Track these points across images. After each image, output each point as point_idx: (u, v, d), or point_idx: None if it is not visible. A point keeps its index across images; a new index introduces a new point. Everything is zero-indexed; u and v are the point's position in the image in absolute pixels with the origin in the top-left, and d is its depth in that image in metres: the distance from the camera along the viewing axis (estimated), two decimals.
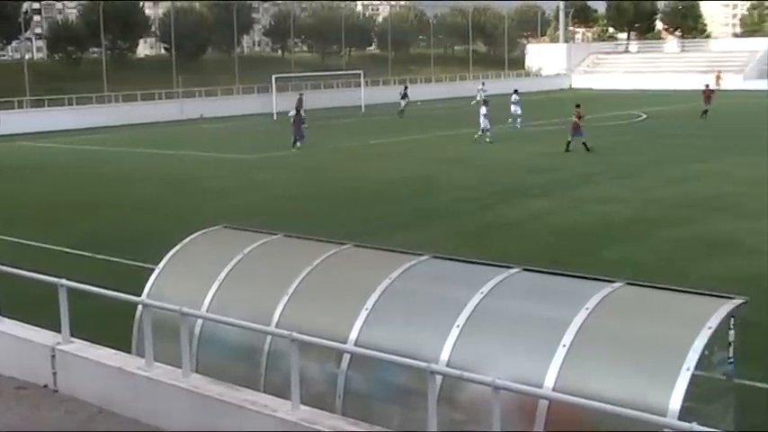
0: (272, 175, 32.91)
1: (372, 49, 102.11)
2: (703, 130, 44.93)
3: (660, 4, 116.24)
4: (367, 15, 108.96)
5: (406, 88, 65.21)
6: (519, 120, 48.26)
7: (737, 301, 8.21)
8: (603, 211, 24.29)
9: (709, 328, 7.77)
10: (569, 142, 37.75)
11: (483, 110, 42.99)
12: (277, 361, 9.42)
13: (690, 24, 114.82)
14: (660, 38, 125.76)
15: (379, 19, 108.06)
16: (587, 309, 8.26)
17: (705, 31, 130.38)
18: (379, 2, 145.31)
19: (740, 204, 24.80)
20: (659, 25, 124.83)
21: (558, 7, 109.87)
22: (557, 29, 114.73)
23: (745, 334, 8.51)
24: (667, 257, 18.85)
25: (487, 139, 41.58)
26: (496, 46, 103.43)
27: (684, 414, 7.25)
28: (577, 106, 39.79)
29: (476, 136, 42.07)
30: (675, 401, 7.36)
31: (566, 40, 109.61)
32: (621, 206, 24.92)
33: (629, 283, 8.85)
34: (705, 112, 50.59)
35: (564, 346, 8.03)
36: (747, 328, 8.63)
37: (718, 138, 40.54)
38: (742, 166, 32.25)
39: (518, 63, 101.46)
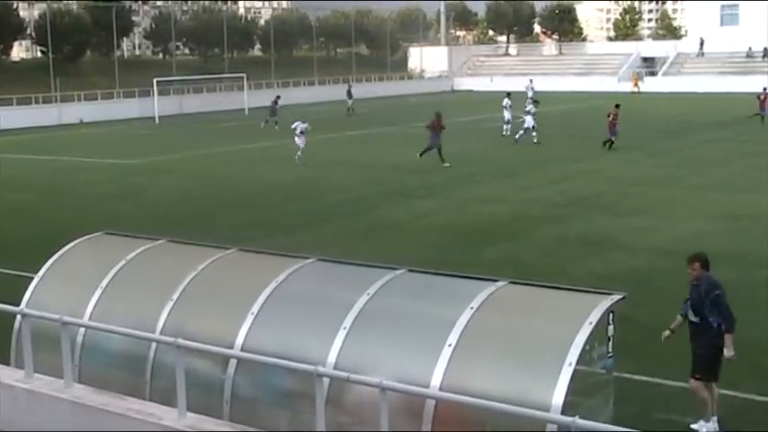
0: (155, 181, 32.37)
1: (255, 51, 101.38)
2: (581, 131, 46.03)
3: (538, 7, 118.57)
4: (249, 18, 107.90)
5: (350, 87, 66.69)
6: (509, 126, 45.73)
7: (616, 297, 8.45)
8: (486, 210, 24.66)
9: (590, 323, 7.98)
10: (611, 141, 38.22)
11: (531, 108, 42.44)
12: (162, 368, 9.29)
13: (566, 28, 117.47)
14: (539, 41, 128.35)
15: (262, 21, 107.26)
16: (472, 308, 8.38)
17: (581, 34, 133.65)
18: (261, 1, 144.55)
19: (617, 202, 25.51)
20: (537, 28, 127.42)
21: (439, 10, 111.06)
22: (438, 31, 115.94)
23: (623, 329, 8.78)
24: (548, 255, 19.25)
25: (534, 139, 41.02)
26: (379, 49, 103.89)
27: (567, 408, 7.43)
28: (617, 106, 39.77)
29: (516, 136, 41.63)
30: (558, 396, 7.53)
31: (447, 43, 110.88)
32: (503, 205, 25.35)
33: (511, 282, 9.01)
34: (761, 117, 49.41)
35: (450, 345, 8.14)
36: (625, 322, 8.90)
37: (595, 138, 41.53)
38: (618, 165, 33.19)
39: (401, 66, 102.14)
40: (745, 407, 11.12)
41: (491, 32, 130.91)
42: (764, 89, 51.04)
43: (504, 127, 44.69)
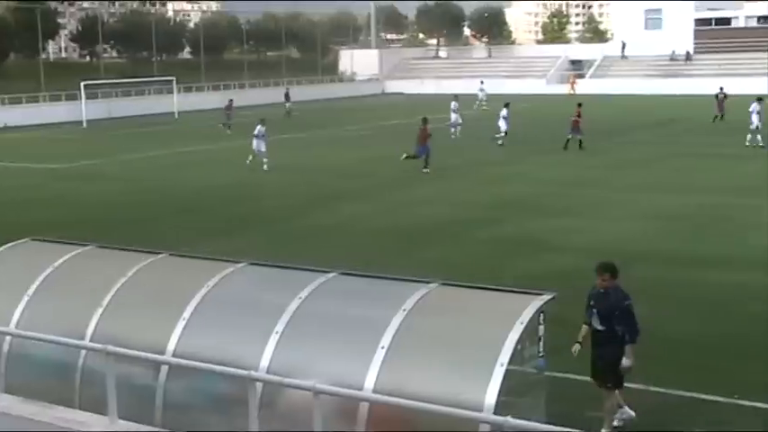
0: (84, 186, 31.88)
1: (185, 54, 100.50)
2: (513, 133, 46.42)
3: (468, 11, 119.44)
4: (178, 21, 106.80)
5: (288, 89, 66.33)
6: (457, 129, 45.78)
7: (546, 297, 8.55)
8: (419, 213, 24.77)
9: (521, 323, 8.06)
10: (568, 140, 38.64)
11: (504, 112, 42.41)
12: (92, 376, 9.15)
13: (496, 31, 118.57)
14: (468, 44, 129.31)
15: (191, 24, 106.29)
16: (404, 310, 8.41)
17: (510, 37, 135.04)
18: (191, 4, 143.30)
19: (548, 204, 25.81)
20: (467, 31, 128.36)
21: (369, 13, 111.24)
22: (369, 35, 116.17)
23: (553, 328, 8.88)
24: (480, 257, 19.40)
25: (499, 142, 41.10)
26: (310, 52, 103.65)
27: (499, 408, 7.49)
28: (579, 105, 40.27)
29: (499, 142, 41.34)
30: (491, 396, 7.59)
31: (378, 46, 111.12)
32: (436, 208, 25.48)
33: (444, 284, 9.06)
34: (719, 116, 49.92)
35: (383, 347, 8.15)
36: (556, 322, 9.01)
37: (526, 140, 41.99)
38: (549, 167, 33.58)
39: (331, 69, 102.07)
40: (670, 403, 11.31)
41: (421, 35, 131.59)
42: (721, 89, 52.12)
43: (453, 129, 44.84)
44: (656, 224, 22.52)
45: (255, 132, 34.23)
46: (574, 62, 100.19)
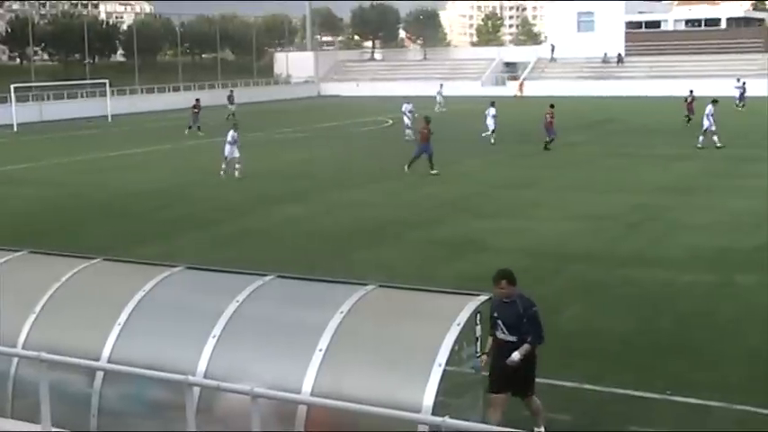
0: (14, 191, 31.31)
1: (118, 57, 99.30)
2: (448, 135, 46.66)
3: (403, 13, 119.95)
4: (111, 23, 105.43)
5: (231, 92, 65.28)
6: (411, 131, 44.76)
7: (483, 298, 8.63)
8: (356, 215, 24.78)
9: (458, 324, 8.12)
10: (546, 141, 39.16)
11: (492, 111, 43.13)
12: (25, 384, 9.01)
13: (431, 33, 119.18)
14: (404, 46, 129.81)
15: (124, 26, 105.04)
16: (342, 312, 8.43)
17: (445, 39, 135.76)
18: (123, 5, 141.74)
19: (483, 205, 26.00)
20: (402, 34, 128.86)
21: (304, 15, 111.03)
22: (304, 37, 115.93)
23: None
24: (417, 258, 19.47)
25: (491, 141, 41.86)
26: (245, 54, 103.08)
27: (437, 409, 7.54)
28: (551, 106, 40.61)
29: (492, 141, 42.09)
30: (429, 397, 7.63)
31: (313, 48, 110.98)
32: (373, 210, 25.52)
33: (381, 286, 9.09)
34: (687, 118, 50.38)
35: (320, 350, 8.16)
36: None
37: (460, 141, 42.24)
38: (485, 168, 33.85)
39: (267, 71, 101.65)
40: (604, 401, 11.47)
41: (357, 37, 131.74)
42: (691, 92, 52.93)
43: (407, 132, 44.67)
44: (589, 224, 22.81)
45: (228, 139, 32.71)
46: (508, 64, 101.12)
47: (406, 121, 45.36)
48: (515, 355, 9.52)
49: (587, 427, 10.67)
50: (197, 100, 53.09)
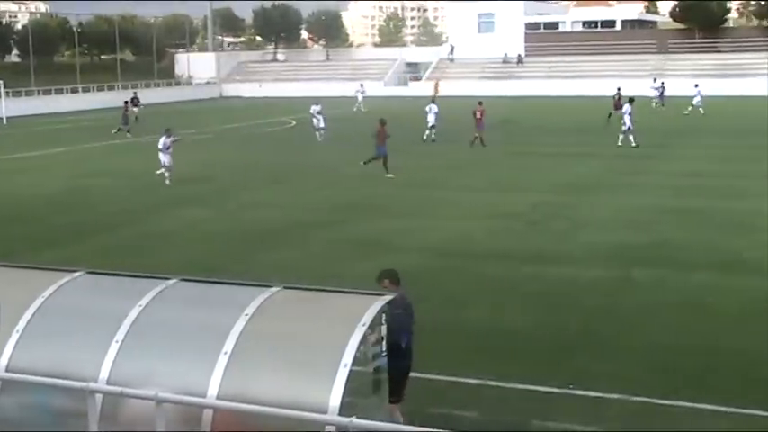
0: None
1: (13, 57, 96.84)
2: (351, 135, 46.75)
3: (305, 14, 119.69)
4: (5, 22, 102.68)
5: (135, 93, 64.02)
6: (322, 132, 44.88)
7: (387, 298, 8.67)
8: (259, 216, 24.64)
9: (363, 324, 8.14)
10: (476, 137, 39.94)
11: (435, 108, 43.53)
12: None
13: (333, 34, 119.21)
14: (306, 46, 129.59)
15: (19, 26, 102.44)
16: (247, 315, 8.37)
17: (348, 40, 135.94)
18: (17, 4, 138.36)
19: (388, 205, 26.10)
20: (305, 34, 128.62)
21: (205, 16, 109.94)
22: (205, 37, 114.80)
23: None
24: (322, 259, 19.46)
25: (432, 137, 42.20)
26: (145, 55, 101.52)
27: (344, 409, 7.55)
28: (480, 103, 41.62)
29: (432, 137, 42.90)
30: (335, 398, 7.64)
31: (215, 49, 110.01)
32: (277, 211, 25.40)
33: (286, 287, 9.06)
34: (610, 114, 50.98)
35: (225, 353, 8.09)
36: None
37: (364, 142, 42.33)
38: (383, 169, 33.90)
39: (168, 72, 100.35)
40: (508, 396, 11.62)
41: (259, 38, 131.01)
42: (618, 90, 54.12)
43: (318, 134, 44.31)
44: (493, 223, 23.10)
45: (159, 146, 31.37)
46: (410, 65, 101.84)
47: (315, 122, 45.15)
48: None
49: (492, 422, 10.80)
50: (126, 102, 52.43)
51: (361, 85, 73.69)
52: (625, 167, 33.27)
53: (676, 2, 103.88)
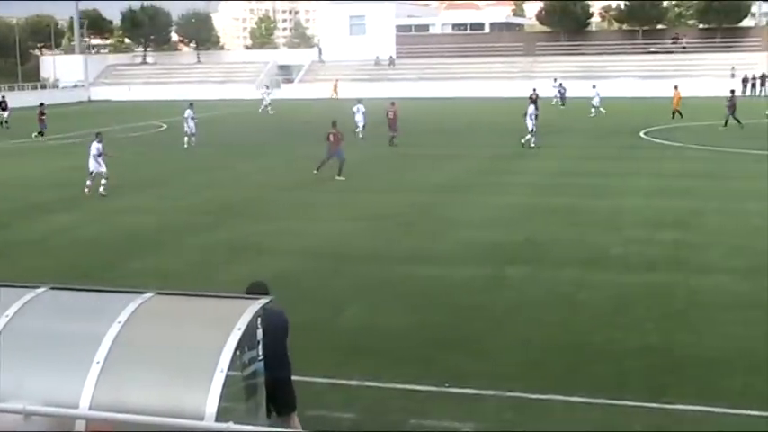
0: None
1: None
2: (225, 138, 46.36)
3: (175, 16, 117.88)
4: None
5: (3, 97, 61.86)
6: (193, 138, 43.24)
7: (263, 301, 8.61)
8: (131, 222, 24.16)
9: (239, 329, 8.07)
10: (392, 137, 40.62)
11: (361, 108, 44.30)
12: None
13: (204, 36, 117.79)
14: (177, 49, 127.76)
15: None
16: (119, 322, 8.20)
17: (219, 42, 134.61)
18: None
19: (262, 208, 25.97)
20: (175, 37, 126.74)
21: (72, 17, 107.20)
22: (72, 39, 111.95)
23: None
24: (196, 264, 19.21)
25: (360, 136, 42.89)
26: (7, 57, 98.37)
27: (221, 415, 7.47)
28: (393, 104, 42.88)
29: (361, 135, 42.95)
30: (212, 404, 7.54)
31: (82, 51, 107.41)
32: (148, 216, 24.95)
33: (159, 293, 8.91)
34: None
35: (98, 362, 7.90)
36: None
37: (238, 145, 42.06)
38: (261, 171, 33.79)
39: (33, 75, 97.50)
40: (386, 396, 11.69)
41: (128, 41, 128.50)
42: (534, 90, 56.74)
43: (186, 139, 43.12)
44: (367, 224, 23.22)
45: (93, 151, 29.07)
46: (282, 67, 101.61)
47: (187, 127, 43.78)
48: None
49: (370, 423, 10.85)
50: (41, 105, 51.03)
51: (267, 87, 73.04)
52: (497, 167, 33.94)
53: (543, 3, 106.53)
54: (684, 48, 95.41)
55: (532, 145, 39.32)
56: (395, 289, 16.87)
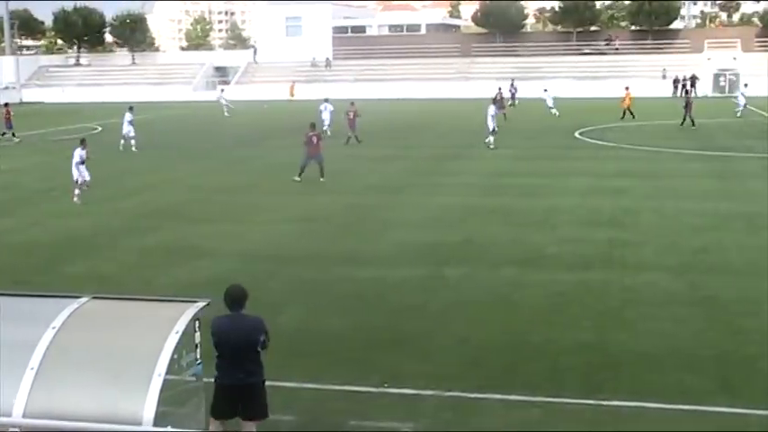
0: None
1: None
2: (161, 141, 45.91)
3: (108, 17, 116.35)
4: None
5: None
6: (133, 140, 41.94)
7: (201, 304, 8.58)
8: (65, 225, 23.83)
9: (177, 332, 8.02)
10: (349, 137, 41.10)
11: (329, 107, 44.65)
12: None
13: (139, 38, 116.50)
14: (111, 50, 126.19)
15: None
16: (54, 327, 8.10)
17: (154, 44, 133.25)
18: None
19: (200, 210, 25.75)
20: (109, 38, 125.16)
21: (1, 17, 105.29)
22: (2, 40, 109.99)
23: (209, 334, 8.94)
24: (132, 267, 19.00)
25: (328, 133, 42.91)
26: None
27: (159, 419, 7.42)
28: (352, 104, 43.54)
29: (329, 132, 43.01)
30: (149, 409, 7.49)
31: (13, 52, 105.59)
32: (83, 220, 24.62)
33: (95, 297, 8.82)
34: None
35: (32, 369, 7.81)
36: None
37: (175, 147, 41.69)
38: (197, 174, 33.51)
39: None
40: (325, 398, 11.70)
41: (60, 42, 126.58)
42: (500, 89, 58.68)
43: (122, 142, 42.31)
44: (304, 225, 23.18)
45: (76, 159, 27.62)
46: (219, 69, 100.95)
47: (125, 130, 42.77)
48: None
49: (309, 425, 10.85)
50: (6, 104, 50.02)
51: (222, 90, 72.41)
52: (434, 168, 34.08)
53: (478, 4, 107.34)
54: (617, 49, 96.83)
55: (492, 145, 39.59)
56: (332, 291, 16.87)
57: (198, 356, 8.64)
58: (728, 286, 16.57)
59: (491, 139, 39.87)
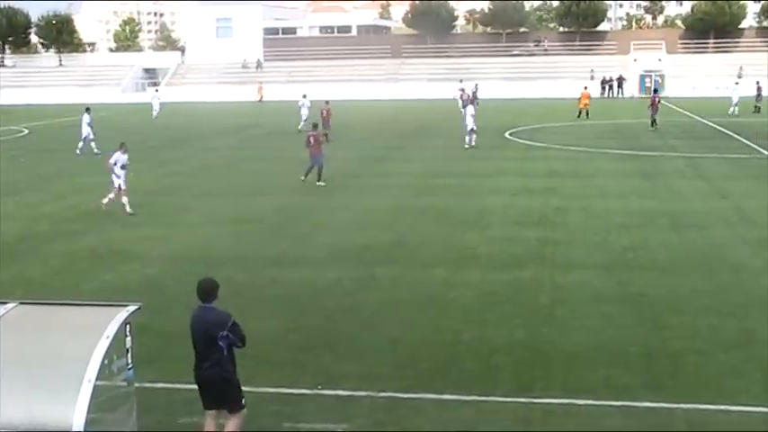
0: None
1: None
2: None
3: (34, 17, 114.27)
4: None
5: None
6: (93, 144, 40.52)
7: (132, 308, 8.50)
8: None
9: (107, 337, 7.95)
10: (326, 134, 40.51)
11: (308, 103, 45.88)
12: None
13: (66, 39, 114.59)
14: (37, 51, 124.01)
15: None
16: None
17: (82, 45, 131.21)
18: None
19: (125, 214, 25.37)
20: (35, 38, 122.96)
21: None
22: None
23: (142, 338, 8.86)
24: (60, 272, 18.72)
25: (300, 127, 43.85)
26: None
27: (89, 425, 7.35)
28: (327, 102, 44.83)
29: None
30: (79, 415, 7.42)
31: None
32: (9, 224, 24.13)
33: (22, 303, 8.70)
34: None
35: None
36: (143, 332, 8.98)
37: (101, 150, 41.08)
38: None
39: None
40: (259, 400, 11.65)
41: None
42: (463, 90, 61.43)
43: (80, 144, 41.21)
44: (234, 227, 23.04)
45: (121, 163, 25.42)
46: (148, 70, 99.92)
47: (84, 132, 41.68)
48: None
49: (243, 427, 10.78)
50: None
51: (156, 91, 71.24)
52: (364, 169, 34.12)
53: (409, 5, 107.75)
54: (546, 50, 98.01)
55: (473, 144, 39.79)
56: (263, 293, 16.80)
57: (129, 361, 8.56)
58: (655, 284, 16.89)
59: (473, 137, 40.09)
